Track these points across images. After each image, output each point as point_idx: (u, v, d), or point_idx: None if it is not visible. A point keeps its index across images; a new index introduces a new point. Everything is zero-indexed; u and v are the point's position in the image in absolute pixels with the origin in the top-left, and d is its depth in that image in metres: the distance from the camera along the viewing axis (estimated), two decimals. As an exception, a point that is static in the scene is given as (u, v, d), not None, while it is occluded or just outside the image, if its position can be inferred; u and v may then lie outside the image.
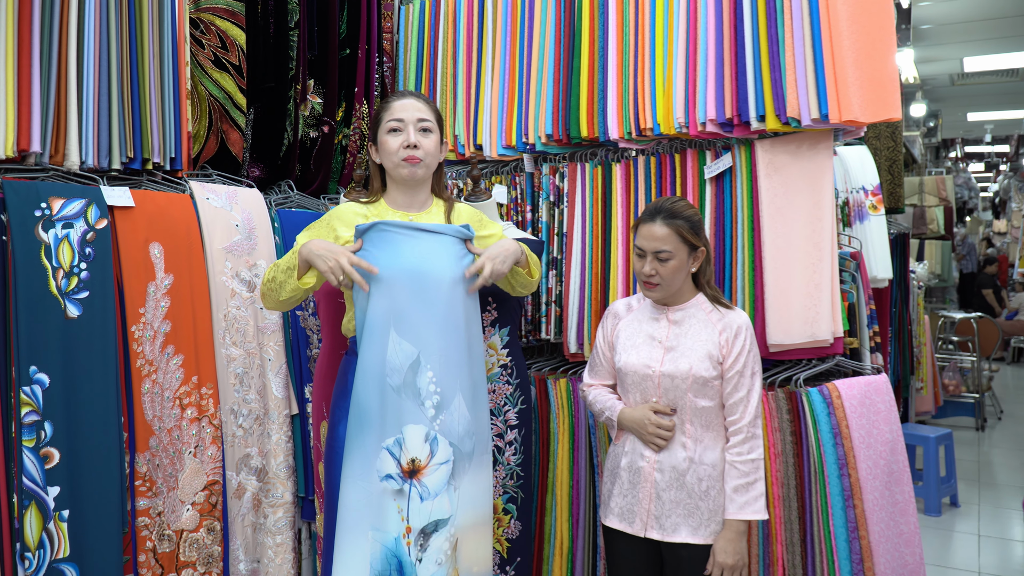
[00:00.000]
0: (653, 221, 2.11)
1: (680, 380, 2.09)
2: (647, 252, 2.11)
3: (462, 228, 2.10)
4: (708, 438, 2.11)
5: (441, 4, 3.34)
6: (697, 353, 2.09)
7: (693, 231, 2.12)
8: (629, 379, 2.18)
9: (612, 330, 2.29)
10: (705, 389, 2.09)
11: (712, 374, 2.08)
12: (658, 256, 2.10)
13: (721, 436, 2.12)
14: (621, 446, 2.21)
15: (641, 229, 2.14)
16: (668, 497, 2.10)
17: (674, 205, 2.13)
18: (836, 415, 2.40)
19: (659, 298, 2.17)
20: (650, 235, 2.10)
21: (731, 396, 2.09)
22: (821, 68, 2.38)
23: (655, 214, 2.12)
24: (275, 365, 2.70)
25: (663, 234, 2.09)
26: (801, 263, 2.47)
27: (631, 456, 2.16)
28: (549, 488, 2.92)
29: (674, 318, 2.17)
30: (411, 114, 2.14)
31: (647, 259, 2.12)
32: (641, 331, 2.20)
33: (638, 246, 2.14)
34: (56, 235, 2.22)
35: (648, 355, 2.15)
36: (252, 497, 2.62)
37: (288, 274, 2.07)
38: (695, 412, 2.10)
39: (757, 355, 2.14)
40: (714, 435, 2.11)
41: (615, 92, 2.77)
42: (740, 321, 2.13)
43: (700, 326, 2.13)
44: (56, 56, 2.29)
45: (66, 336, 2.19)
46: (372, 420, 1.97)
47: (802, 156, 2.49)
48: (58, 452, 2.15)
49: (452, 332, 2.02)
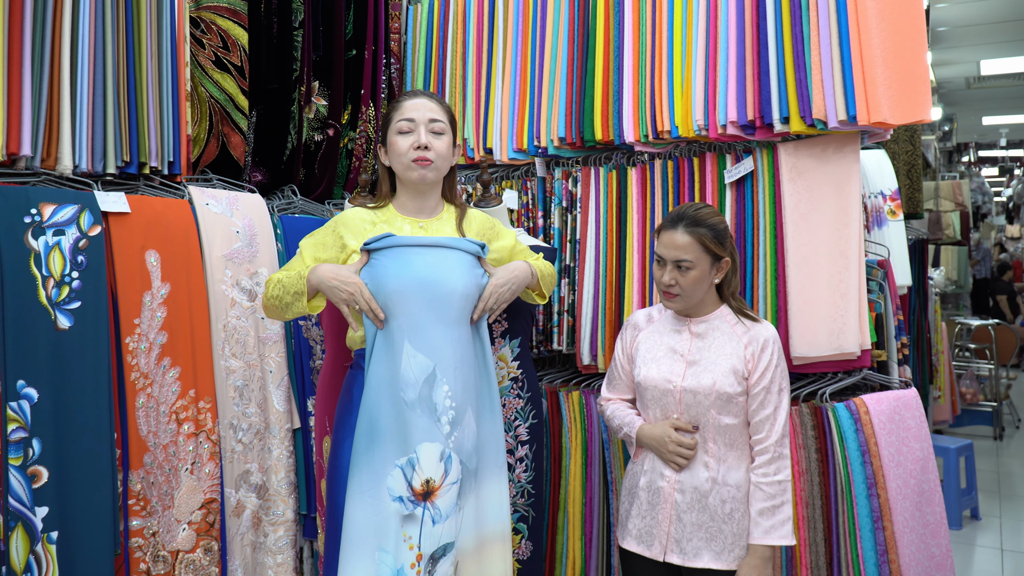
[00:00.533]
0: (675, 228, 2.04)
1: (703, 396, 2.01)
2: (667, 261, 2.05)
3: (475, 244, 2.06)
4: (732, 457, 2.02)
5: (451, 3, 3.28)
6: (721, 367, 2.01)
7: (717, 240, 2.05)
8: (649, 394, 2.10)
9: (632, 342, 2.21)
10: (729, 406, 2.00)
11: (737, 390, 2.00)
12: (679, 265, 2.03)
13: (746, 456, 2.04)
14: (640, 464, 2.13)
15: (662, 236, 2.07)
16: (689, 519, 2.02)
17: (698, 212, 2.06)
18: (864, 432, 2.31)
19: (679, 309, 2.10)
20: (671, 243, 2.03)
21: (757, 413, 2.01)
22: (849, 67, 2.29)
23: (677, 221, 2.05)
24: (276, 377, 2.63)
25: (685, 242, 2.02)
26: (827, 272, 2.39)
27: (650, 475, 2.08)
28: (561, 506, 2.84)
29: (697, 330, 2.10)
30: (423, 114, 2.08)
31: (667, 268, 2.05)
32: (662, 343, 2.13)
33: (658, 254, 2.08)
34: (47, 242, 2.13)
35: (669, 369, 2.07)
36: (252, 515, 2.54)
37: (296, 298, 2.02)
38: (718, 430, 2.01)
39: (785, 370, 2.06)
40: (738, 454, 2.03)
41: (631, 93, 2.71)
42: (767, 334, 2.05)
43: (724, 339, 2.06)
44: (49, 55, 2.21)
45: (56, 348, 2.11)
46: (383, 435, 1.91)
47: (828, 160, 2.41)
48: (47, 471, 2.07)
49: (466, 345, 1.98)
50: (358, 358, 2.13)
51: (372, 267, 1.98)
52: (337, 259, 2.09)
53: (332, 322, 2.41)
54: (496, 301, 2.05)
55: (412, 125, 2.07)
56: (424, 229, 2.11)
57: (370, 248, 2.00)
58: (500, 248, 2.22)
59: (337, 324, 2.38)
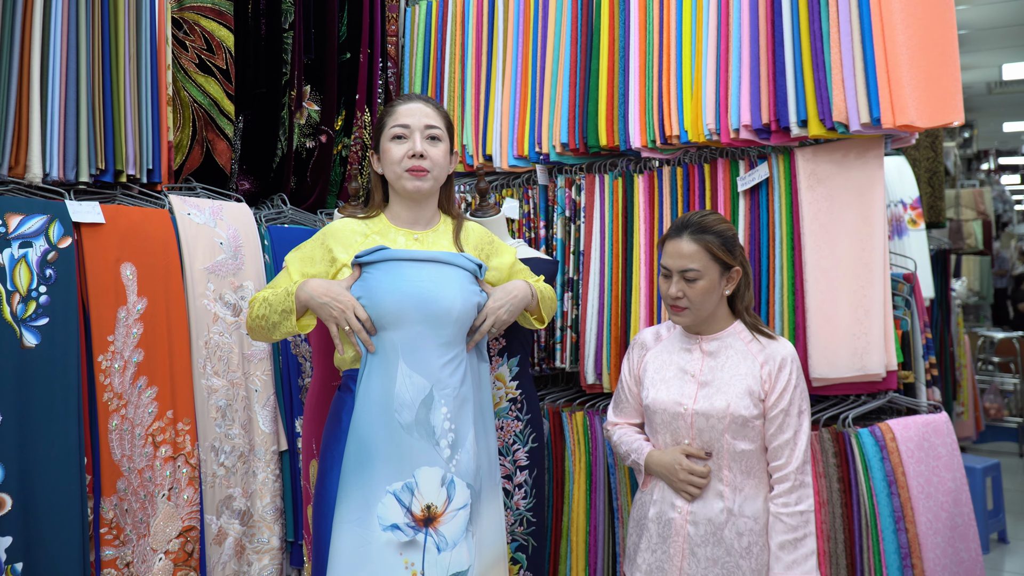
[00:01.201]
0: (680, 236, 1.97)
1: (716, 420, 1.92)
2: (673, 271, 1.97)
3: (472, 262, 2.00)
4: (749, 486, 1.92)
5: (449, 4, 3.23)
6: (735, 389, 1.92)
7: (725, 248, 1.96)
8: (658, 418, 2.01)
9: (639, 362, 2.12)
10: (745, 430, 1.91)
11: (753, 413, 1.90)
12: (685, 276, 1.95)
13: (764, 484, 1.94)
14: (649, 494, 2.04)
15: (667, 246, 1.99)
16: (703, 554, 1.91)
17: (704, 219, 1.98)
18: (891, 460, 2.20)
19: (688, 324, 2.01)
20: (676, 252, 1.96)
21: (775, 438, 1.91)
22: (872, 66, 2.19)
23: (682, 228, 1.97)
24: (262, 396, 2.55)
25: (691, 251, 1.94)
26: (849, 286, 2.29)
27: (660, 505, 1.99)
28: (564, 534, 2.75)
29: (708, 349, 2.01)
30: (418, 120, 2.00)
31: (673, 279, 1.97)
32: (671, 363, 2.04)
33: (664, 265, 2.00)
34: (12, 255, 2.07)
35: (679, 391, 1.98)
36: (235, 543, 2.46)
37: (284, 316, 1.94)
38: (733, 456, 1.92)
39: (805, 391, 1.95)
40: (756, 483, 1.93)
41: (637, 96, 2.63)
42: (784, 352, 1.96)
43: (739, 358, 1.97)
44: (17, 55, 2.13)
45: (21, 368, 2.06)
46: (375, 460, 1.84)
47: (849, 165, 2.32)
48: (10, 498, 1.99)
49: (463, 365, 1.93)
50: (347, 379, 2.04)
51: (364, 282, 1.91)
52: (326, 274, 2.01)
53: (321, 339, 2.33)
54: (492, 324, 1.99)
55: (407, 131, 1.99)
56: (419, 242, 2.04)
57: (362, 262, 1.93)
58: (499, 266, 2.14)
59: (326, 341, 2.30)
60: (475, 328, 1.98)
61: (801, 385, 1.94)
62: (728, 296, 2.01)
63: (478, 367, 2.01)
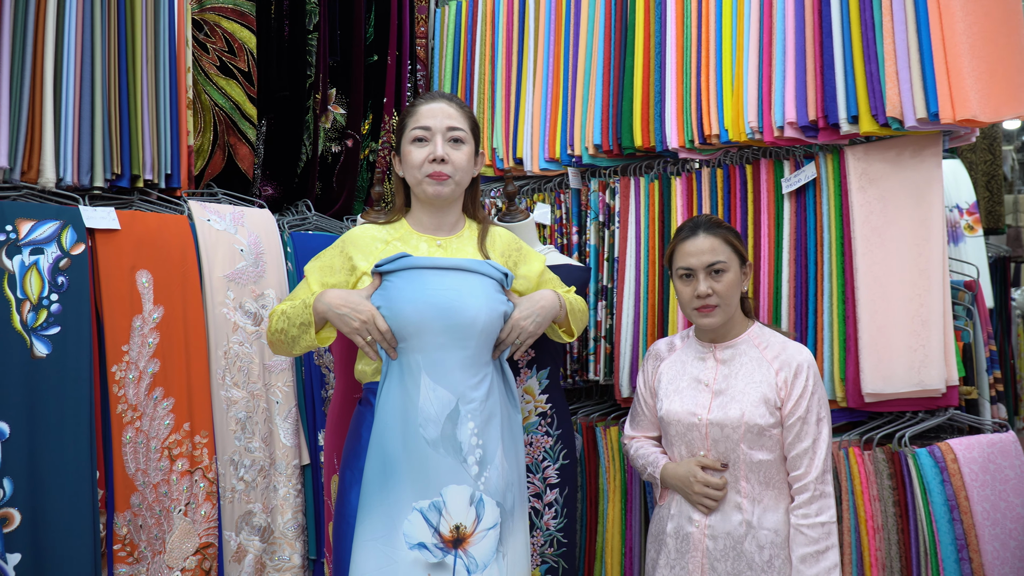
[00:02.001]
0: (695, 235, 2.00)
1: (731, 429, 1.92)
2: (697, 269, 1.98)
3: (499, 270, 1.96)
4: (768, 498, 1.92)
5: (479, 4, 3.22)
6: (750, 397, 1.92)
7: (739, 240, 2.03)
8: (673, 429, 2.02)
9: (653, 373, 2.14)
10: (761, 439, 1.91)
11: (769, 421, 1.90)
12: (713, 269, 1.96)
13: (784, 495, 1.93)
14: (666, 508, 2.04)
15: (683, 247, 2.01)
16: (724, 569, 1.91)
17: (711, 218, 2.05)
18: (952, 483, 2.09)
19: (719, 324, 2.00)
20: (697, 249, 1.98)
21: (794, 447, 1.90)
22: (929, 56, 2.08)
23: (695, 228, 2.02)
24: (284, 408, 2.51)
25: (713, 244, 1.98)
26: (905, 295, 2.20)
27: (678, 520, 1.99)
28: (598, 556, 2.68)
29: (722, 357, 2.02)
30: (440, 121, 1.96)
31: (699, 277, 1.97)
32: (685, 373, 2.05)
33: (684, 267, 2.00)
34: (22, 262, 2.06)
35: (693, 401, 1.99)
36: (254, 560, 2.41)
37: (303, 329, 1.91)
38: (751, 467, 1.92)
39: (823, 397, 1.95)
40: (775, 494, 1.92)
41: (674, 94, 2.58)
42: (800, 358, 1.95)
43: (753, 365, 1.97)
44: (31, 58, 2.13)
45: (31, 378, 2.05)
46: (399, 476, 1.81)
47: (904, 165, 2.23)
48: (19, 514, 1.98)
49: (489, 377, 1.90)
50: (367, 392, 2.00)
51: (385, 291, 1.88)
52: (346, 283, 1.97)
53: (342, 350, 2.28)
54: (518, 336, 1.95)
55: (428, 134, 1.96)
56: (442, 248, 2.00)
57: (382, 270, 1.89)
58: (527, 274, 2.09)
59: (347, 352, 2.25)
60: (500, 340, 1.93)
61: (819, 392, 1.93)
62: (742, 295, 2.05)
63: (504, 380, 1.97)
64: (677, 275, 2.02)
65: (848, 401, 2.24)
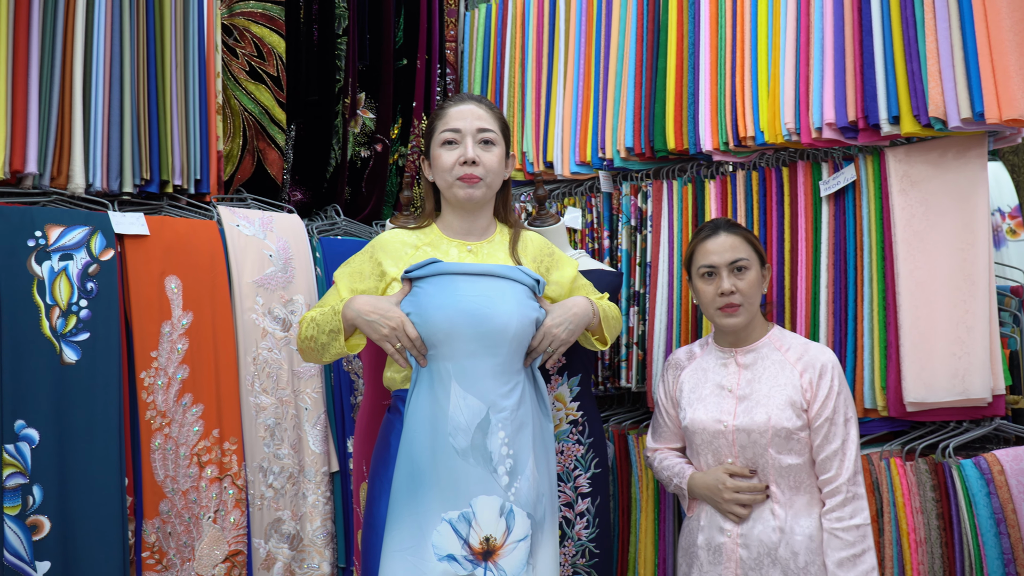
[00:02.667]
0: (716, 234, 2.02)
1: (758, 435, 1.91)
2: (720, 267, 1.98)
3: (531, 276, 1.93)
4: (800, 502, 1.90)
5: (509, 6, 3.20)
6: (775, 400, 1.91)
7: (759, 242, 2.06)
8: (698, 438, 2.00)
9: (674, 383, 2.12)
10: (789, 443, 1.89)
11: (796, 424, 1.89)
12: (736, 267, 1.98)
13: (816, 499, 1.92)
14: (696, 519, 2.02)
15: (704, 246, 2.02)
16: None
17: (728, 220, 2.08)
18: (999, 495, 2.03)
19: (742, 325, 1.99)
20: (719, 248, 1.99)
21: (822, 449, 1.89)
22: (974, 54, 2.02)
23: (715, 228, 2.04)
24: (312, 415, 2.51)
25: (735, 242, 2.00)
26: (948, 301, 2.15)
27: (708, 531, 1.97)
28: (631, 566, 2.63)
29: (744, 361, 2.01)
30: (470, 123, 1.93)
31: (722, 275, 1.97)
32: (707, 380, 2.04)
33: (705, 265, 2.01)
34: (52, 268, 2.06)
35: (718, 408, 1.98)
36: (283, 568, 2.41)
37: (332, 337, 1.89)
38: (780, 472, 1.90)
39: (849, 397, 1.94)
40: (808, 498, 1.91)
41: (708, 95, 2.54)
42: (824, 358, 1.95)
43: (776, 368, 1.96)
44: (60, 62, 2.14)
45: (61, 385, 2.06)
46: (427, 486, 1.79)
47: (947, 166, 2.18)
48: (48, 521, 1.99)
49: (520, 386, 1.88)
50: (396, 400, 1.98)
51: (415, 297, 1.85)
52: (376, 289, 1.96)
53: (371, 356, 2.25)
54: (550, 344, 1.92)
55: (458, 136, 1.93)
56: (473, 253, 1.97)
57: (412, 276, 1.87)
58: (559, 280, 2.06)
59: (376, 358, 2.22)
60: (532, 348, 1.90)
61: (845, 391, 1.92)
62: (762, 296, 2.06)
63: (536, 389, 1.94)
64: (698, 274, 2.01)
65: (889, 410, 2.18)
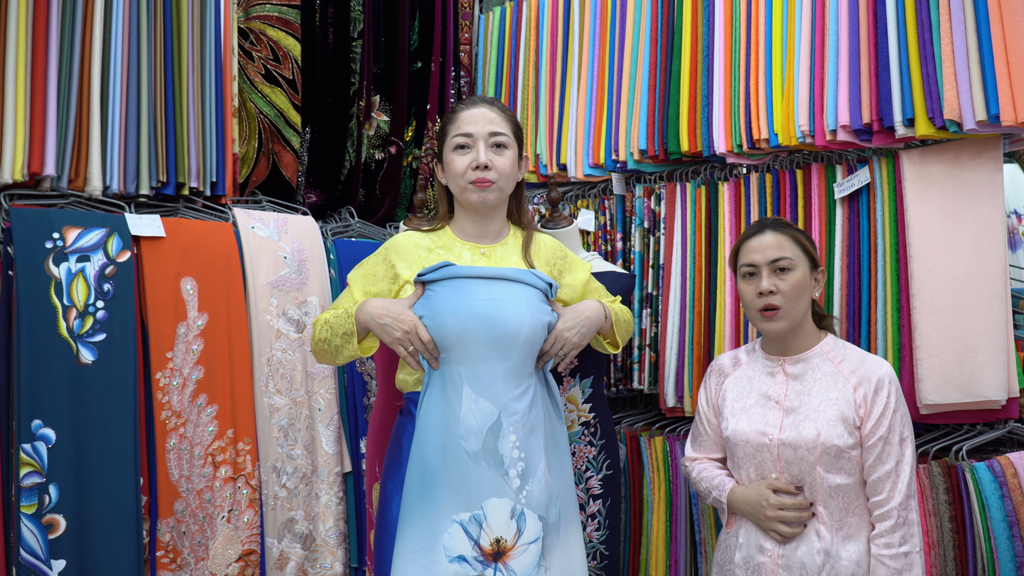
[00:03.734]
0: (762, 233, 1.90)
1: (806, 451, 1.79)
2: (761, 265, 1.87)
3: (543, 280, 1.92)
4: (849, 525, 1.78)
5: (524, 9, 3.20)
6: (826, 415, 1.79)
7: (810, 242, 1.91)
8: (740, 450, 1.89)
9: (717, 391, 2.01)
10: (839, 461, 1.77)
11: (848, 442, 1.77)
12: (777, 266, 1.85)
13: (865, 522, 1.79)
14: (734, 535, 1.90)
15: (748, 244, 1.91)
16: None
17: (778, 219, 1.94)
18: (1012, 498, 2.00)
19: (782, 330, 1.87)
20: (762, 245, 1.88)
21: (875, 469, 1.77)
22: (989, 57, 2.00)
23: (762, 227, 1.92)
24: (326, 416, 2.51)
25: (779, 240, 1.87)
26: (963, 303, 2.12)
27: (747, 549, 1.85)
28: (642, 568, 2.62)
29: (793, 371, 1.88)
30: (482, 127, 1.91)
31: (763, 274, 1.86)
32: (752, 389, 1.92)
33: (747, 263, 1.90)
34: (69, 269, 2.08)
35: (763, 419, 1.86)
36: (296, 568, 2.42)
37: (346, 339, 1.89)
38: (829, 492, 1.78)
39: (907, 415, 1.81)
40: (857, 521, 1.79)
41: (722, 97, 2.52)
42: (881, 372, 1.81)
43: (828, 380, 1.84)
44: (78, 67, 2.16)
45: (77, 385, 2.07)
46: (439, 488, 1.78)
47: (962, 168, 2.15)
48: (64, 520, 1.99)
49: (532, 390, 1.86)
50: (408, 402, 1.97)
51: (428, 300, 1.85)
52: (389, 292, 1.95)
53: (385, 358, 2.26)
54: (561, 347, 1.91)
55: (470, 140, 1.91)
56: (486, 256, 1.96)
57: (425, 279, 1.86)
58: (572, 283, 2.05)
59: (389, 359, 2.22)
60: (544, 351, 1.89)
61: (902, 409, 1.80)
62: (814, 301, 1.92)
63: (549, 392, 1.93)
64: (741, 274, 1.91)
65: (903, 413, 2.17)
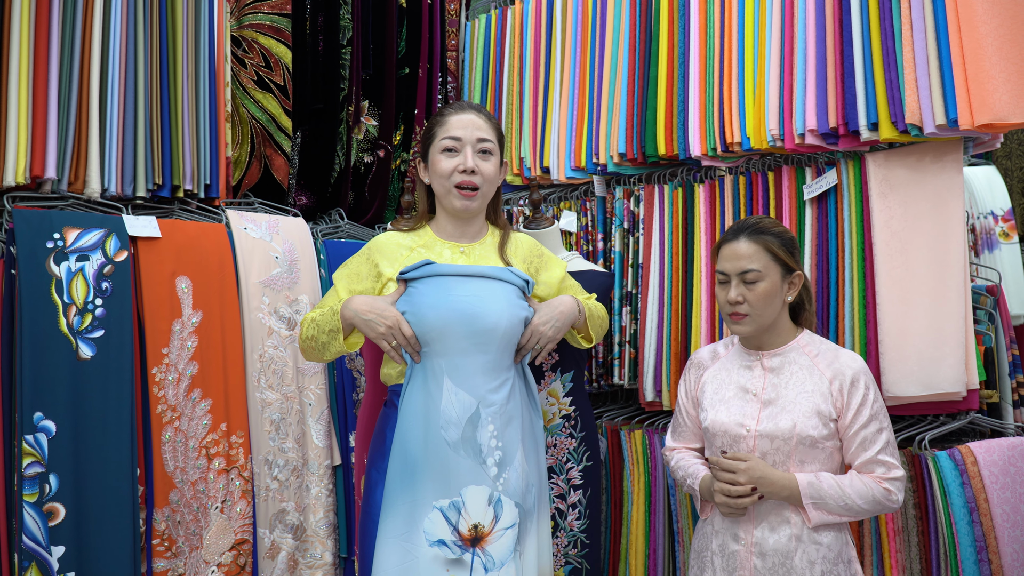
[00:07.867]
0: (736, 239, 1.89)
1: (782, 441, 1.82)
2: (731, 275, 1.88)
3: (520, 277, 1.97)
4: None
5: (508, 16, 3.23)
6: (801, 407, 1.82)
7: (785, 249, 1.89)
8: (718, 441, 1.91)
9: (696, 383, 2.03)
10: (814, 452, 1.81)
11: (822, 433, 1.80)
12: (744, 278, 1.85)
13: None
14: (710, 523, 1.93)
15: (723, 250, 1.91)
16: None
17: (760, 222, 1.91)
18: (972, 485, 2.05)
19: (749, 333, 1.90)
20: (733, 254, 1.88)
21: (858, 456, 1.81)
22: (948, 64, 2.06)
23: (739, 231, 1.90)
24: (316, 410, 2.55)
25: (750, 251, 1.86)
26: (925, 299, 2.17)
27: (722, 536, 1.87)
28: (622, 557, 2.67)
29: (770, 365, 1.91)
30: (470, 133, 1.96)
31: (731, 283, 1.88)
32: (731, 382, 1.94)
33: (720, 271, 1.91)
34: (69, 268, 2.12)
35: (740, 411, 1.88)
36: (287, 557, 2.45)
37: (332, 336, 1.93)
38: None
39: (883, 407, 1.85)
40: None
41: (697, 103, 2.56)
42: (856, 366, 1.85)
43: (804, 374, 1.86)
44: (77, 75, 2.20)
45: (77, 379, 2.10)
46: (420, 475, 1.83)
47: (925, 171, 2.21)
48: (64, 508, 2.03)
49: (510, 382, 1.91)
50: (392, 394, 2.03)
51: (410, 296, 1.90)
52: (373, 290, 2.00)
53: (372, 354, 2.30)
54: (537, 341, 1.95)
55: (458, 144, 1.96)
56: (465, 255, 2.01)
57: (407, 277, 1.91)
58: (548, 280, 2.10)
59: (377, 356, 2.27)
60: (521, 345, 1.95)
61: (880, 400, 1.84)
62: (791, 306, 1.93)
63: (526, 384, 1.98)
64: (716, 278, 1.94)
65: (869, 404, 2.22)
